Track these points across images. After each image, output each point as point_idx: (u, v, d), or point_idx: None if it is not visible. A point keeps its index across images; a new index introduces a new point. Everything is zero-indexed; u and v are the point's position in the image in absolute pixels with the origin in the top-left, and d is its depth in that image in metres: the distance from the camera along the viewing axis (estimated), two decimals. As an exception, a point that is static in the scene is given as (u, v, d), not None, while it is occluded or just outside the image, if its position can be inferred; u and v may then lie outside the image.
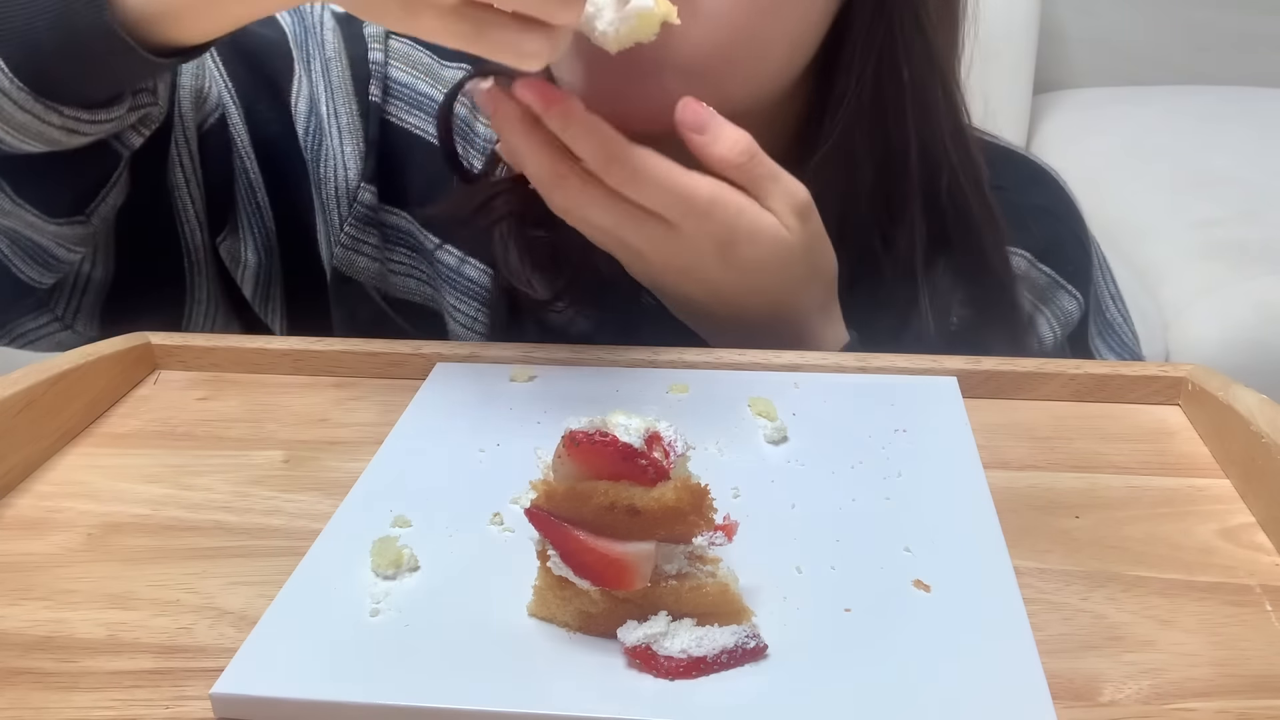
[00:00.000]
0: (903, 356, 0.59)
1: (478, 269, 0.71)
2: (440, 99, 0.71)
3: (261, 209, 0.70)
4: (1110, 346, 0.75)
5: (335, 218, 0.70)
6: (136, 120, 0.58)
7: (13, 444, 0.51)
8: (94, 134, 0.55)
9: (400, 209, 0.72)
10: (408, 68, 0.72)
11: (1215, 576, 0.44)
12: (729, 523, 0.41)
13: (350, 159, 0.70)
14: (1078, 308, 0.72)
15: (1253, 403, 0.50)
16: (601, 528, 0.38)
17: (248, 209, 0.69)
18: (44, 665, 0.40)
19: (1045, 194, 0.75)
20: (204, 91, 0.67)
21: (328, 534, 0.46)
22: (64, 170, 0.58)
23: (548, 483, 0.38)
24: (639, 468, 0.37)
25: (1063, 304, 0.72)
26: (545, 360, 0.60)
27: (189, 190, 0.67)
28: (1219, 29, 2.18)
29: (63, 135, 0.54)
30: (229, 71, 0.68)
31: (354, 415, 0.57)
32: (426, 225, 0.72)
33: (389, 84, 0.71)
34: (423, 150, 0.71)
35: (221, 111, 0.68)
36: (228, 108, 0.68)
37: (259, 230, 0.70)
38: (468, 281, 0.71)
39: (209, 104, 0.67)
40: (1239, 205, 1.65)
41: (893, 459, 0.50)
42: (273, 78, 0.70)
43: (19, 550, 0.47)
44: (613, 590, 0.38)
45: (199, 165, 0.67)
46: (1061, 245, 0.73)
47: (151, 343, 0.61)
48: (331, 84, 0.70)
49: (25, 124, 0.53)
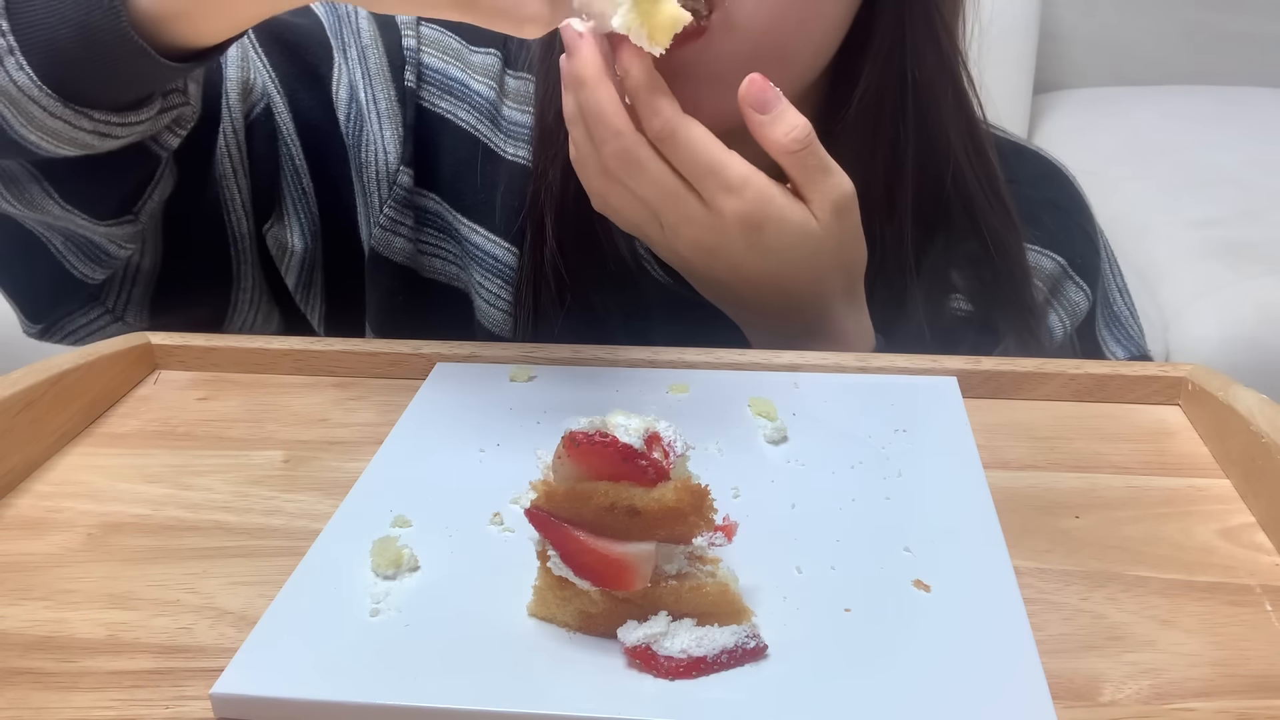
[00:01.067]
0: (903, 356, 0.59)
1: (505, 249, 0.73)
2: (470, 83, 0.73)
3: (307, 195, 0.71)
4: (1118, 340, 0.75)
5: (375, 200, 0.72)
6: (170, 121, 0.59)
7: (13, 444, 0.51)
8: (127, 136, 0.56)
9: (432, 191, 0.74)
10: (439, 53, 0.74)
11: (1215, 576, 0.44)
12: (729, 523, 0.41)
13: (390, 143, 0.71)
14: (1085, 299, 0.72)
15: (1253, 403, 0.50)
16: (602, 528, 0.38)
17: (293, 195, 0.71)
18: (44, 665, 0.40)
19: (1055, 188, 0.75)
20: (249, 83, 0.68)
21: (328, 534, 0.46)
22: (106, 173, 0.58)
23: (548, 483, 0.38)
24: (639, 468, 0.37)
25: (1070, 295, 0.72)
26: (545, 360, 0.60)
27: (236, 180, 0.69)
28: (1219, 29, 2.18)
29: (95, 139, 0.55)
30: (271, 62, 0.70)
31: (354, 415, 0.57)
32: (457, 207, 0.73)
33: (422, 70, 0.73)
34: (453, 134, 0.73)
35: (266, 101, 0.69)
36: (272, 97, 0.69)
37: (304, 216, 0.72)
38: (494, 261, 0.73)
39: (254, 94, 0.69)
40: (1239, 205, 1.65)
41: (893, 459, 0.50)
42: (314, 66, 0.71)
43: (19, 550, 0.47)
44: (613, 590, 0.38)
45: (246, 155, 0.68)
46: (1071, 238, 0.74)
47: (151, 343, 0.61)
48: (369, 71, 0.72)
49: (58, 130, 0.53)
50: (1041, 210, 0.73)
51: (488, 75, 0.74)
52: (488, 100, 0.74)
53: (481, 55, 0.74)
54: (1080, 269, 0.73)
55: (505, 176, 0.72)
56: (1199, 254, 1.56)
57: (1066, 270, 0.73)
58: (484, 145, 0.73)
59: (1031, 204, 0.72)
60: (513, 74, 0.74)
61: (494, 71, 0.74)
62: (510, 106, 0.74)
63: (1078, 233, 0.75)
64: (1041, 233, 0.72)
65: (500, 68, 0.74)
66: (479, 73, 0.74)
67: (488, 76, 0.74)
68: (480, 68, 0.74)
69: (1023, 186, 0.72)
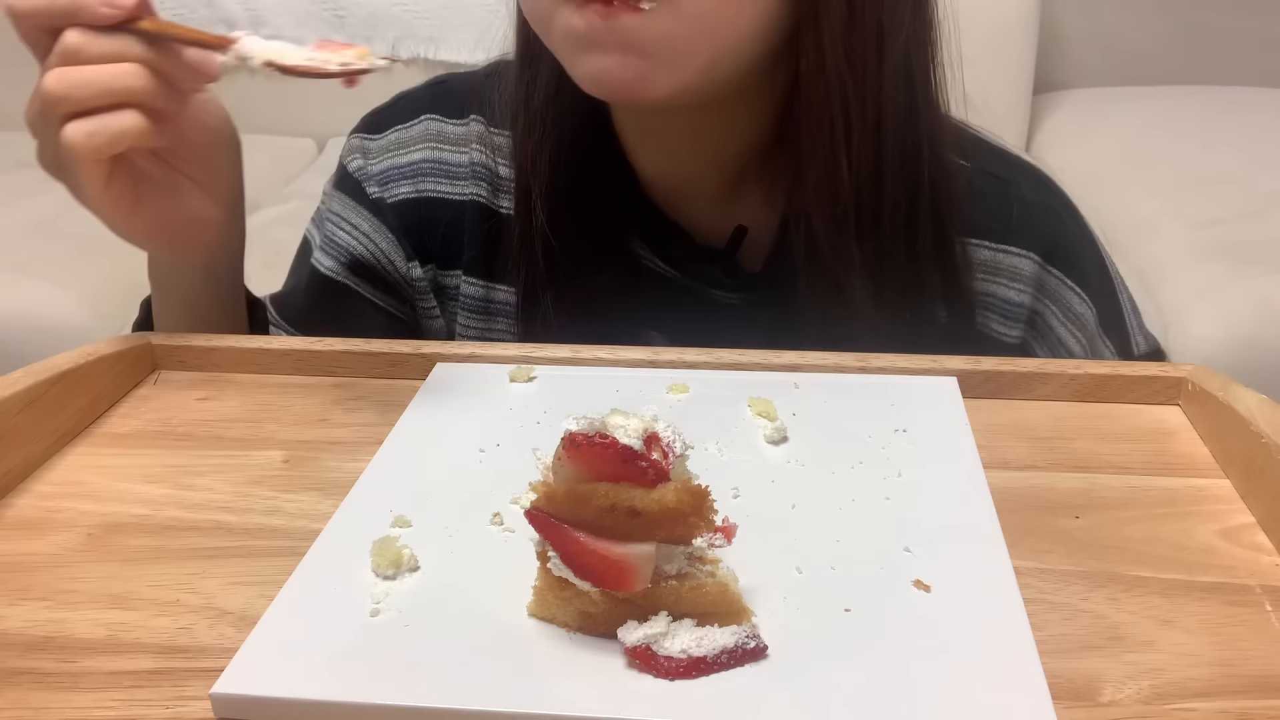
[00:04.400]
0: (903, 357, 0.59)
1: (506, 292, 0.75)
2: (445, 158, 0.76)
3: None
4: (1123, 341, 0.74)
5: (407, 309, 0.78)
6: None
7: (13, 444, 0.51)
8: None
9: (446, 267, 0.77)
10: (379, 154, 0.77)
11: (1215, 576, 0.44)
12: (728, 525, 0.41)
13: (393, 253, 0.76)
14: (1089, 312, 0.72)
15: (1253, 403, 0.50)
16: (602, 529, 0.38)
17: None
18: (44, 665, 0.40)
19: (1050, 194, 0.75)
20: None
21: (328, 534, 0.46)
22: None
23: (548, 484, 0.38)
24: (639, 469, 0.37)
25: (1073, 307, 0.72)
26: (545, 360, 0.60)
27: None
28: (1219, 29, 2.18)
29: None
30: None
31: (354, 415, 0.57)
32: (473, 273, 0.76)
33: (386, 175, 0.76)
34: (446, 208, 0.76)
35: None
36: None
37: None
38: (504, 305, 0.76)
39: None
40: (1239, 205, 1.65)
41: (893, 459, 0.50)
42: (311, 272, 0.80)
43: (19, 550, 0.47)
44: (613, 591, 0.38)
45: None
46: (1073, 247, 0.74)
47: (151, 343, 0.61)
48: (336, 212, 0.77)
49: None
50: (1038, 213, 0.72)
51: (473, 141, 0.76)
52: (483, 166, 0.75)
53: (462, 127, 0.76)
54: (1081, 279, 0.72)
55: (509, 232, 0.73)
56: (1199, 254, 1.55)
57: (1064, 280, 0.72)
58: (484, 207, 0.75)
59: (1028, 206, 0.71)
60: (498, 132, 0.76)
61: (478, 135, 0.76)
62: (505, 165, 0.75)
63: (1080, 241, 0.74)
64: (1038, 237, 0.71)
65: (484, 129, 0.76)
66: (459, 144, 0.76)
67: (474, 142, 0.76)
68: (460, 139, 0.76)
69: (1019, 188, 0.72)
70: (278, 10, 1.99)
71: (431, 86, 0.80)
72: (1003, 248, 0.71)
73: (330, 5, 1.99)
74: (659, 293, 0.73)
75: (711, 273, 0.72)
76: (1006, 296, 0.71)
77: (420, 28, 2.00)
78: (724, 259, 0.72)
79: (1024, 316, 0.71)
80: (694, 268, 0.72)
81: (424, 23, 1.99)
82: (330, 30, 1.97)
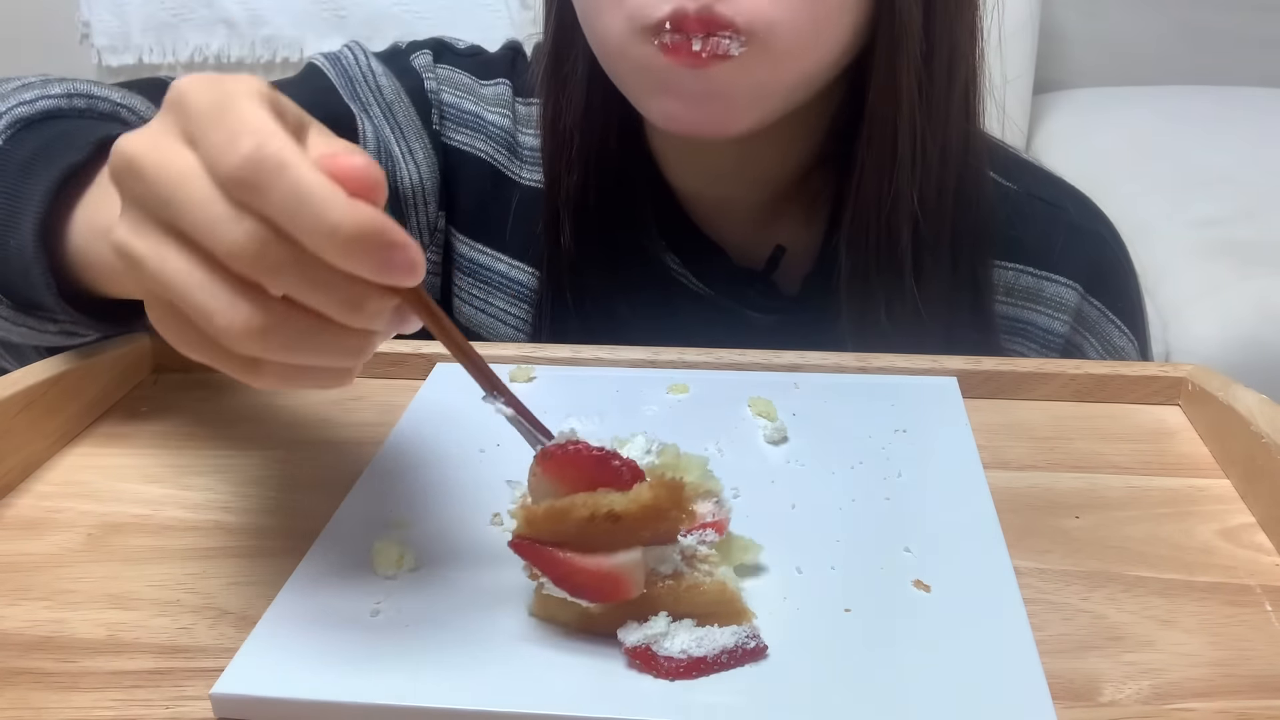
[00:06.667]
0: (903, 357, 0.59)
1: (528, 273, 0.73)
2: (484, 114, 0.74)
3: None
4: None
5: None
6: None
7: (13, 444, 0.51)
8: (102, 333, 0.56)
9: (455, 226, 0.74)
10: (452, 89, 0.74)
11: (1215, 576, 0.44)
12: (718, 519, 0.41)
13: (431, 193, 0.72)
14: (1130, 345, 0.71)
15: (1253, 403, 0.50)
16: (586, 543, 0.38)
17: None
18: (44, 665, 0.40)
19: (1098, 220, 0.73)
20: None
21: (328, 534, 0.46)
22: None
23: (526, 507, 0.38)
24: (614, 470, 0.37)
25: (1113, 340, 0.70)
26: (545, 360, 0.60)
27: None
28: (1219, 29, 2.18)
29: (63, 339, 0.56)
30: None
31: (354, 415, 0.57)
32: (478, 238, 0.74)
33: (444, 109, 0.74)
34: (471, 165, 0.74)
35: None
36: None
37: None
38: (519, 286, 0.73)
39: None
40: (1239, 205, 1.65)
41: (893, 459, 0.50)
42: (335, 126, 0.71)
43: (19, 550, 0.47)
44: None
45: None
46: (1117, 276, 0.72)
47: (151, 343, 0.61)
48: (399, 124, 0.72)
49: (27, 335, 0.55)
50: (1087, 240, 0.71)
51: (501, 105, 0.75)
52: (503, 129, 0.74)
53: (492, 87, 0.75)
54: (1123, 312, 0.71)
55: (523, 201, 0.72)
56: (1199, 254, 1.55)
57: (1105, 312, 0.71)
58: (500, 172, 0.74)
59: (1078, 232, 0.70)
60: (522, 101, 0.75)
61: (506, 100, 0.75)
62: (525, 133, 0.74)
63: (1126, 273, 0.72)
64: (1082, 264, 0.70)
65: (511, 96, 0.75)
66: (492, 104, 0.75)
67: (501, 106, 0.75)
68: (493, 99, 0.75)
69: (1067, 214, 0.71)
70: (278, 10, 1.99)
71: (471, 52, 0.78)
72: (1047, 275, 0.70)
73: (330, 5, 1.99)
74: (690, 310, 0.71)
75: (748, 294, 0.70)
76: (1048, 326, 0.70)
77: (420, 28, 2.00)
78: (762, 280, 0.70)
79: (1059, 346, 0.70)
80: (731, 288, 0.71)
81: (424, 23, 1.99)
82: (330, 30, 1.98)
